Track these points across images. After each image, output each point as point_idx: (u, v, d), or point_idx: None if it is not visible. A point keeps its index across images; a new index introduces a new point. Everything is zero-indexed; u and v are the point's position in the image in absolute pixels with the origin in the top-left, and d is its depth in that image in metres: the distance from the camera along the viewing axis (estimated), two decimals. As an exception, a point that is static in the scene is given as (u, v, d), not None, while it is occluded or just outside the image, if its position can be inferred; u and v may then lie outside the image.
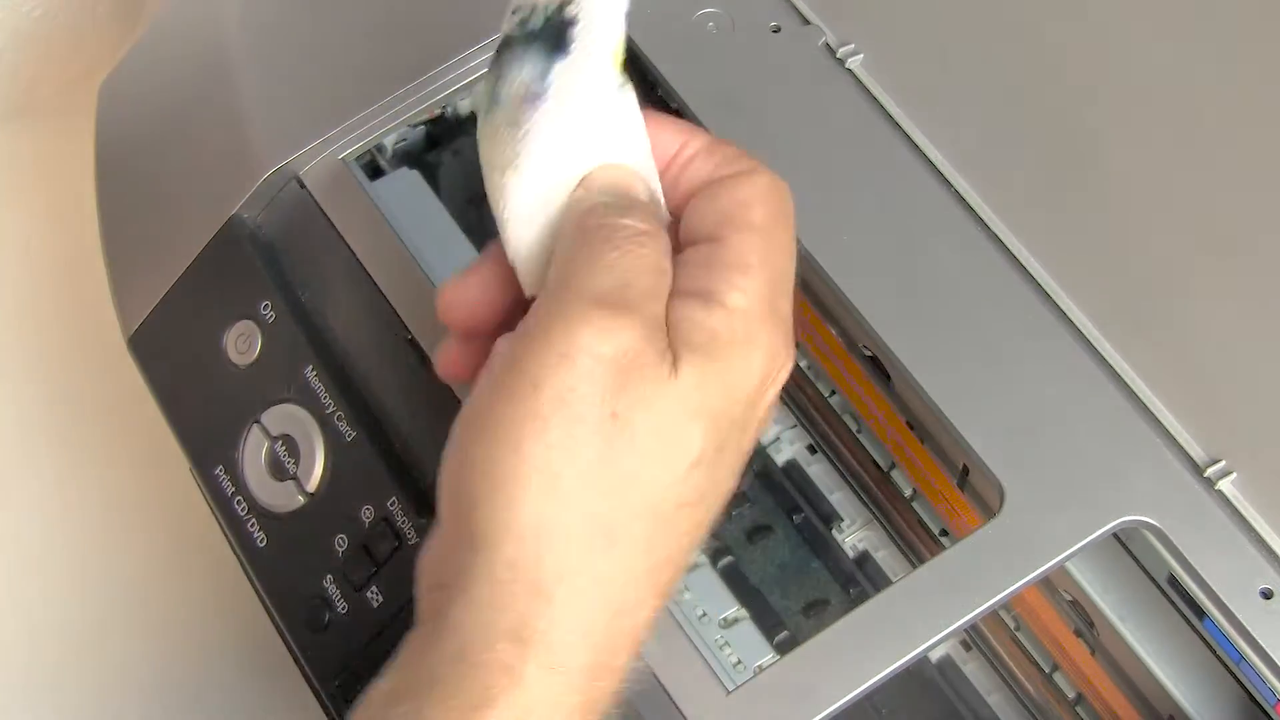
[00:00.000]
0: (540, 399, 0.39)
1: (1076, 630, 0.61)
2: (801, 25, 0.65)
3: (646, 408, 0.40)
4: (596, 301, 0.40)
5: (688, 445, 0.41)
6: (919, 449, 0.62)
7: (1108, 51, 0.64)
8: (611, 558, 0.40)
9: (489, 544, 0.40)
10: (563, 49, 0.45)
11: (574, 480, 0.39)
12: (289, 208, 0.65)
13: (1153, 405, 0.57)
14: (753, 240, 0.43)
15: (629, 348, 0.40)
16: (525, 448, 0.39)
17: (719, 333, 0.41)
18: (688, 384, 0.41)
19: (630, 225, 0.42)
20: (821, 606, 0.64)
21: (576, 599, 0.40)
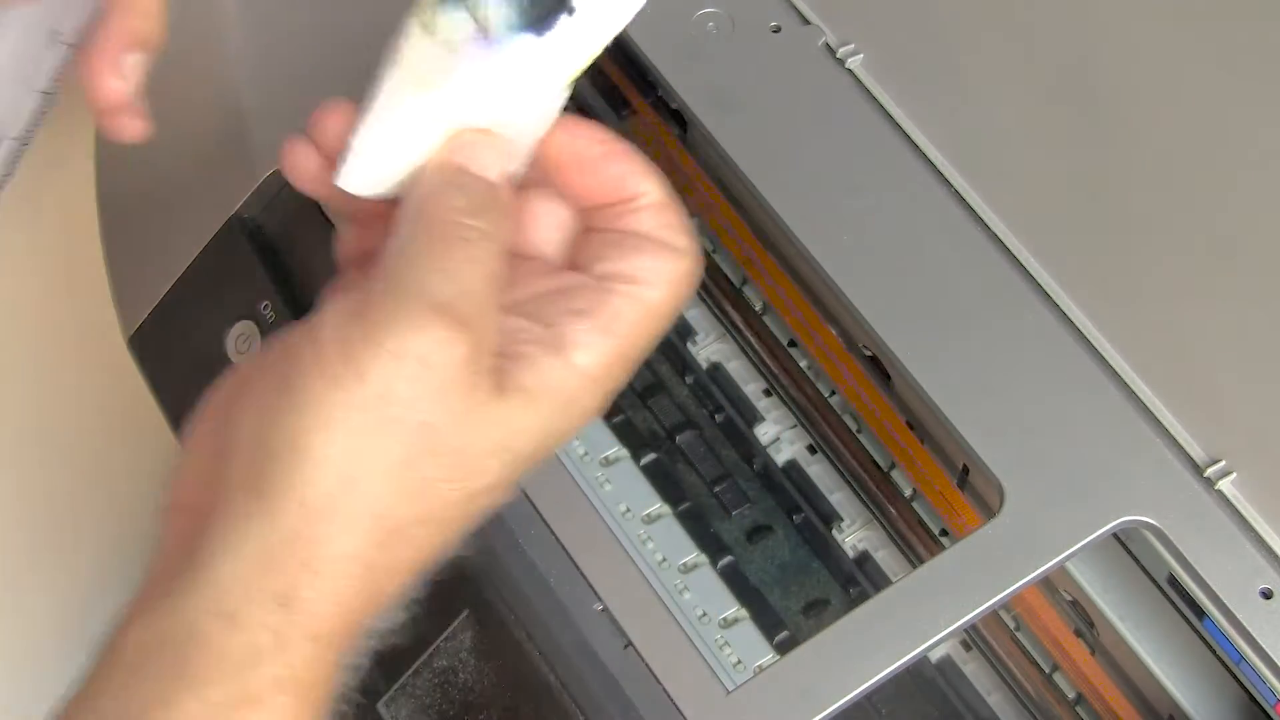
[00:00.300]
0: (364, 391, 0.40)
1: (1076, 630, 0.61)
2: (801, 25, 0.65)
3: (457, 425, 0.41)
4: (436, 309, 0.40)
5: (486, 471, 0.42)
6: (919, 449, 0.62)
7: (1108, 51, 0.64)
8: (388, 552, 0.41)
9: (274, 508, 0.41)
10: (541, 25, 0.43)
11: (374, 476, 0.40)
12: (289, 208, 0.65)
13: (1153, 405, 0.57)
14: (634, 314, 0.43)
15: (456, 361, 0.40)
16: (337, 433, 0.40)
17: (552, 385, 0.42)
18: (503, 416, 0.41)
19: (478, 229, 0.42)
20: (821, 606, 0.64)
21: (345, 581, 0.41)
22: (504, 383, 0.41)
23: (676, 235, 0.44)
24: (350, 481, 0.40)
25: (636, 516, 0.62)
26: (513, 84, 0.43)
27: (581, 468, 0.62)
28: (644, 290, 0.43)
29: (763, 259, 0.66)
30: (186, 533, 0.42)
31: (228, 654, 0.40)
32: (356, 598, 0.41)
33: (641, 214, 0.44)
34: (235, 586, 0.40)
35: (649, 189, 0.44)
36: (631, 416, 0.66)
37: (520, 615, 0.56)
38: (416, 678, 0.58)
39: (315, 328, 0.41)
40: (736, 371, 0.68)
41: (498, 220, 0.43)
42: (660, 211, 0.44)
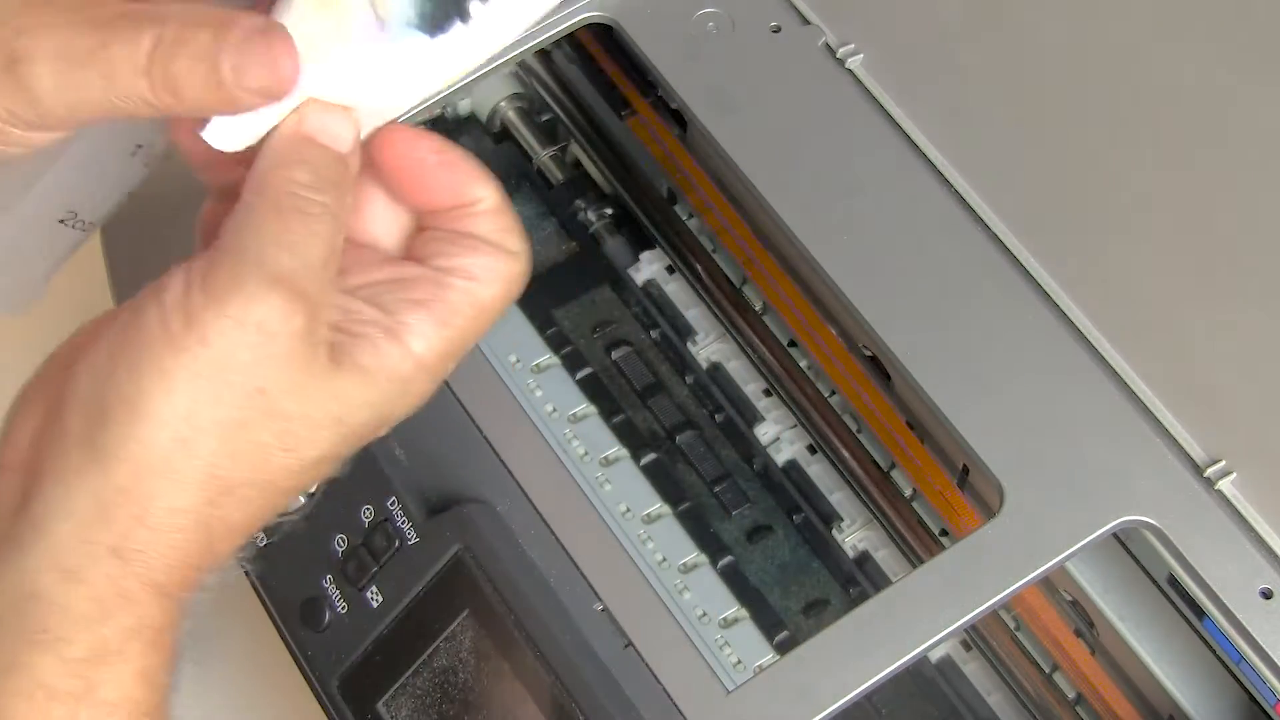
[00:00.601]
0: (203, 356, 0.41)
1: (1076, 630, 0.61)
2: (801, 25, 0.65)
3: (292, 393, 0.42)
4: (276, 279, 0.41)
5: (319, 442, 0.43)
6: (919, 449, 0.62)
7: (1109, 51, 0.64)
8: (219, 510, 0.42)
9: (107, 465, 0.41)
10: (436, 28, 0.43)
11: (209, 436, 0.42)
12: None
13: (1153, 405, 0.57)
14: (469, 308, 0.45)
15: (294, 331, 0.42)
16: (176, 394, 0.41)
17: (388, 368, 0.43)
18: (339, 390, 0.43)
19: (320, 203, 0.43)
20: (821, 606, 0.64)
21: (179, 534, 0.42)
22: (341, 359, 0.43)
23: (510, 238, 0.46)
24: (185, 441, 0.41)
25: (636, 516, 0.62)
26: (394, 75, 0.44)
27: (581, 468, 0.62)
28: (479, 287, 0.45)
29: (763, 259, 0.66)
30: (18, 492, 0.43)
31: (75, 609, 0.41)
32: (191, 551, 0.42)
33: (479, 218, 0.46)
34: (71, 542, 0.41)
35: (485, 195, 0.46)
36: (631, 416, 0.66)
37: (520, 615, 0.56)
38: (416, 678, 0.58)
39: (159, 291, 0.42)
40: (736, 371, 0.68)
41: (340, 197, 0.44)
42: (496, 216, 0.46)
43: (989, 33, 0.65)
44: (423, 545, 0.58)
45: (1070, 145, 0.62)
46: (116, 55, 0.42)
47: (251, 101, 0.43)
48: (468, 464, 0.59)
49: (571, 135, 0.72)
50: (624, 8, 0.65)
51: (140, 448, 0.41)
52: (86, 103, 0.43)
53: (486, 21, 0.44)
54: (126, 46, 0.42)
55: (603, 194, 0.72)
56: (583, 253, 0.71)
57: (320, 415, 0.43)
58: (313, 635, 0.60)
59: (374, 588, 0.59)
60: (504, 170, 0.73)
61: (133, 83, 0.42)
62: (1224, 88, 0.62)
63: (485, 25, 0.44)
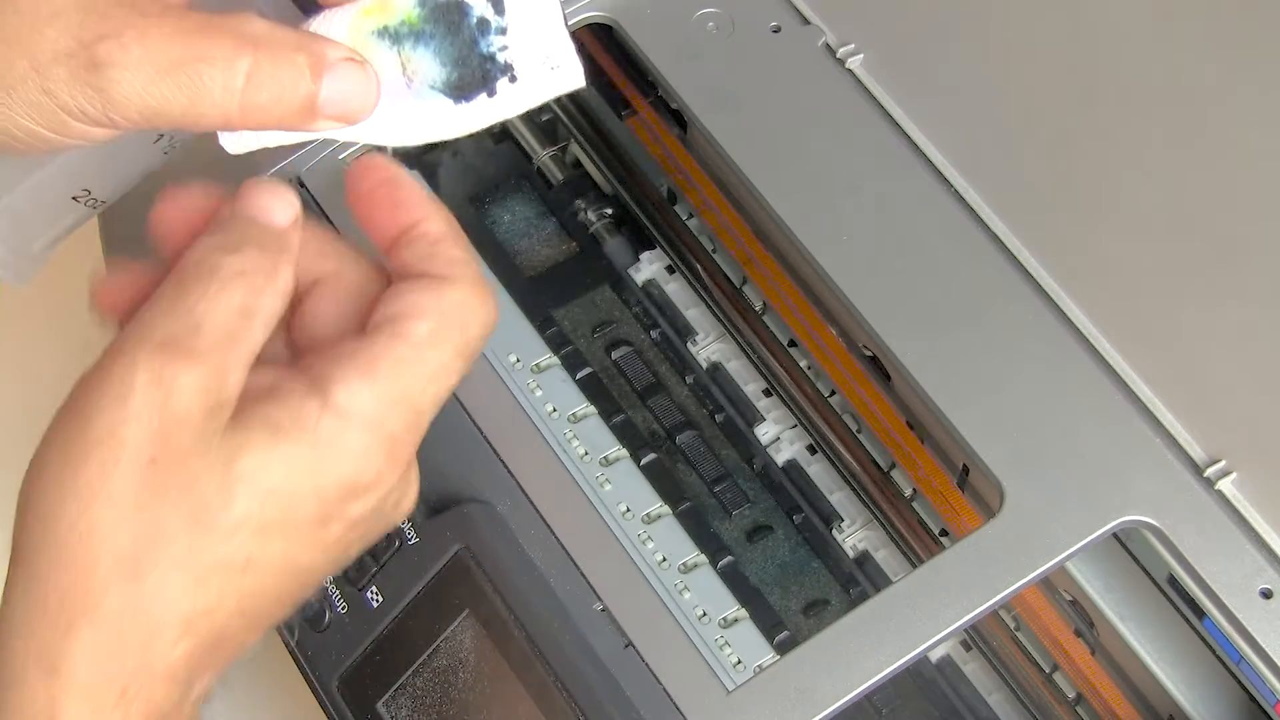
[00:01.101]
0: (89, 436, 0.40)
1: (1076, 630, 0.61)
2: (801, 25, 0.65)
3: (185, 460, 0.40)
4: (159, 346, 0.40)
5: (225, 507, 0.40)
6: (919, 449, 0.62)
7: (1109, 52, 0.64)
8: (137, 594, 0.40)
9: (25, 568, 0.40)
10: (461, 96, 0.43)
11: (106, 516, 0.40)
12: (289, 208, 0.65)
13: (1153, 405, 0.57)
14: (398, 352, 0.42)
15: (181, 395, 0.40)
16: (65, 479, 0.40)
17: (304, 421, 0.41)
18: (240, 449, 0.40)
19: (229, 264, 0.41)
20: (821, 606, 0.64)
21: (96, 630, 0.40)
22: (250, 419, 0.40)
23: (442, 263, 0.43)
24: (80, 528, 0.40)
25: (636, 516, 0.62)
26: (412, 125, 0.44)
27: (581, 468, 0.62)
28: (410, 325, 0.42)
29: (763, 259, 0.66)
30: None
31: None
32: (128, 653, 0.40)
33: (415, 244, 0.43)
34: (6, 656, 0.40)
35: (423, 217, 0.43)
36: (631, 416, 0.66)
37: (520, 615, 0.56)
38: (416, 678, 0.58)
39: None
40: (736, 371, 0.68)
41: (260, 258, 0.42)
42: (431, 241, 0.43)
43: (989, 33, 0.65)
44: (423, 545, 0.58)
45: (1069, 144, 0.62)
46: (209, 76, 0.41)
47: (328, 126, 0.43)
48: (468, 464, 0.59)
49: (571, 135, 0.72)
50: (624, 8, 0.65)
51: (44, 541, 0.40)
52: (164, 114, 0.42)
53: (510, 96, 0.44)
54: (221, 69, 0.41)
55: (603, 194, 0.72)
56: (583, 253, 0.71)
57: (210, 478, 0.40)
58: (313, 635, 0.60)
59: (374, 588, 0.59)
60: (504, 170, 0.74)
61: (223, 104, 0.42)
62: (1224, 87, 0.62)
63: (508, 99, 0.44)
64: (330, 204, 0.63)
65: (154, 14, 0.42)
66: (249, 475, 0.40)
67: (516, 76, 0.44)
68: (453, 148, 0.73)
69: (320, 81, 0.42)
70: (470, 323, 0.43)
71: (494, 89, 0.44)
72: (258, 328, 0.41)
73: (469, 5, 0.43)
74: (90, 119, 0.42)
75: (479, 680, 0.57)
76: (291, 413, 0.41)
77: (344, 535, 0.43)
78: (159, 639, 0.40)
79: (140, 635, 0.40)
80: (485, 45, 0.43)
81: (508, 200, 0.73)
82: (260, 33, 0.42)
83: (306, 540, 0.42)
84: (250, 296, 0.41)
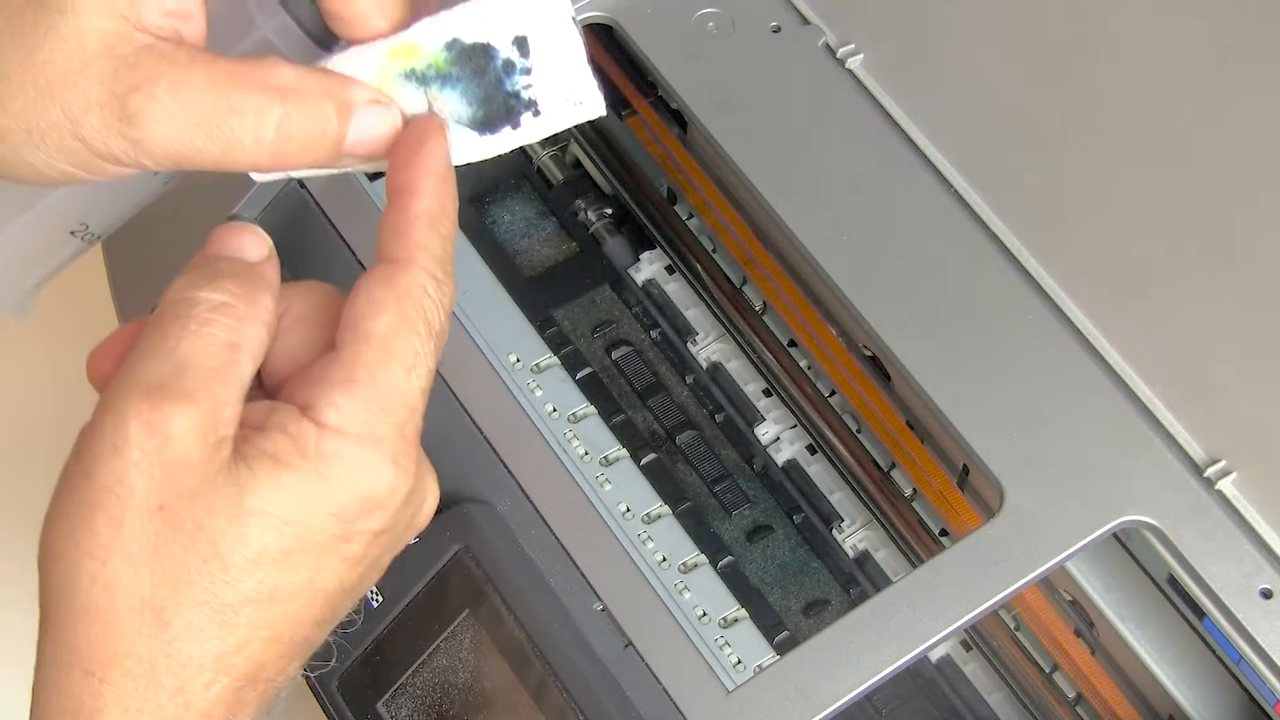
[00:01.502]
0: (92, 489, 0.40)
1: (1076, 630, 0.61)
2: (801, 25, 0.65)
3: (193, 501, 0.40)
4: (146, 391, 0.40)
5: (240, 544, 0.40)
6: (919, 449, 0.62)
7: (1109, 52, 0.64)
8: (164, 641, 0.40)
9: (53, 627, 0.41)
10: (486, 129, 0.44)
11: (123, 568, 0.40)
12: (289, 208, 0.65)
13: (1153, 405, 0.57)
14: (367, 357, 0.41)
15: (178, 438, 0.40)
16: (78, 536, 0.40)
17: (303, 448, 0.41)
18: (246, 484, 0.40)
19: (206, 299, 0.41)
20: (821, 606, 0.64)
21: (129, 681, 0.40)
22: (248, 452, 0.40)
23: (406, 245, 0.43)
24: (99, 580, 0.40)
25: (636, 516, 0.62)
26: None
27: (581, 468, 0.62)
28: (371, 325, 0.42)
29: (763, 259, 0.66)
30: None
31: None
32: (154, 701, 0.41)
33: (393, 217, 0.43)
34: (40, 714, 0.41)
35: (415, 192, 0.43)
36: (631, 416, 0.66)
37: (520, 615, 0.56)
38: (416, 678, 0.58)
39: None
40: (736, 371, 0.68)
41: (236, 289, 0.42)
42: (407, 220, 0.43)
43: (989, 33, 0.65)
44: (423, 545, 0.58)
45: (1070, 145, 0.62)
46: (240, 128, 0.42)
47: (353, 164, 0.43)
48: (468, 464, 0.59)
49: (571, 135, 0.72)
50: (624, 8, 0.65)
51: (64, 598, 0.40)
52: (196, 161, 0.42)
53: (533, 127, 0.44)
54: (253, 121, 0.42)
55: (603, 194, 0.72)
56: (583, 253, 0.71)
57: (223, 514, 0.40)
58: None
59: (374, 588, 0.59)
60: (504, 170, 0.74)
61: (253, 152, 0.42)
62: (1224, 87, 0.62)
63: (531, 129, 0.45)
64: (331, 206, 0.63)
65: (183, 62, 0.42)
66: (259, 510, 0.40)
67: (540, 111, 0.44)
68: (453, 148, 0.73)
69: (347, 125, 0.43)
70: (428, 305, 0.42)
71: (518, 122, 0.44)
72: (245, 359, 0.41)
73: (495, 49, 0.44)
74: (123, 163, 0.43)
75: (479, 680, 0.57)
76: (289, 441, 0.41)
77: (368, 550, 0.43)
78: (193, 683, 0.41)
79: (173, 682, 0.41)
80: (510, 84, 0.44)
81: (508, 200, 0.73)
82: (289, 82, 0.42)
83: (330, 562, 0.42)
84: (232, 329, 0.41)
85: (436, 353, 0.43)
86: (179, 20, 0.42)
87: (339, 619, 0.44)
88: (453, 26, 0.43)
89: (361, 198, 0.63)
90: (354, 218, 0.63)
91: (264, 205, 0.65)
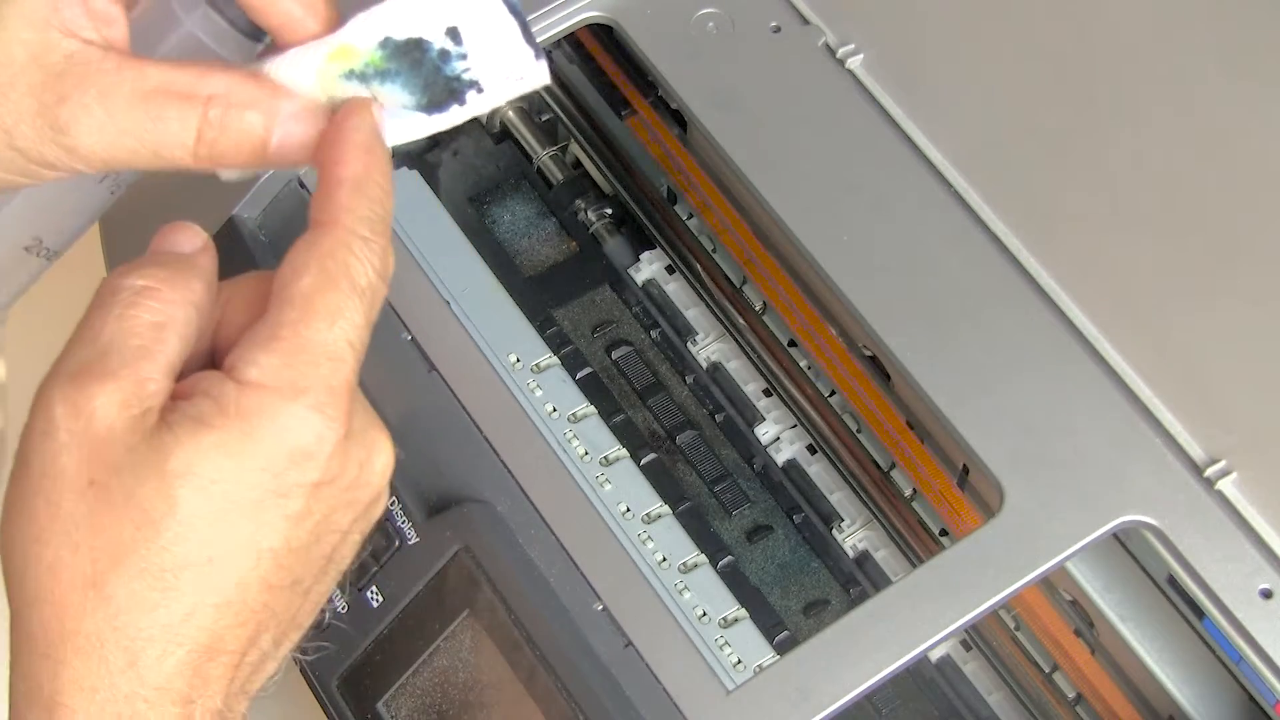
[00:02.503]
0: (30, 476, 0.41)
1: (1076, 630, 0.61)
2: (801, 25, 0.65)
3: (120, 473, 0.41)
4: (70, 376, 0.41)
5: (170, 509, 0.41)
6: (919, 449, 0.62)
7: (1108, 52, 0.64)
8: (109, 615, 0.41)
9: (14, 618, 0.42)
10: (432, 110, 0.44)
11: (63, 549, 0.41)
12: (289, 208, 0.65)
13: (1153, 405, 0.57)
14: (288, 312, 0.42)
15: (100, 415, 0.41)
16: (23, 523, 0.41)
17: (224, 405, 0.41)
18: (169, 448, 0.41)
19: (130, 285, 0.42)
20: (821, 606, 0.64)
21: (79, 660, 0.41)
22: (172, 418, 0.41)
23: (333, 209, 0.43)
24: (43, 560, 0.41)
25: (636, 516, 0.62)
26: (388, 134, 0.45)
27: (581, 468, 0.62)
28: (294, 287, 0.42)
29: (763, 259, 0.66)
30: None
31: None
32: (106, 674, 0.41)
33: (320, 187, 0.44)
34: (15, 701, 0.42)
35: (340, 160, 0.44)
36: (631, 416, 0.66)
37: (520, 615, 0.56)
38: (416, 678, 0.58)
39: None
40: (736, 371, 0.68)
41: (162, 273, 0.43)
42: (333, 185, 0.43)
43: (988, 33, 0.65)
44: (423, 545, 0.58)
45: (1070, 145, 0.62)
46: (169, 134, 0.43)
47: (281, 165, 0.44)
48: (468, 464, 0.59)
49: (571, 135, 0.72)
50: (624, 8, 0.65)
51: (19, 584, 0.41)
52: (130, 164, 0.44)
53: (480, 102, 0.45)
54: (178, 126, 0.43)
55: (603, 194, 0.72)
56: (583, 253, 0.71)
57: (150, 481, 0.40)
58: (313, 635, 0.60)
59: (374, 588, 0.59)
60: (504, 170, 0.74)
61: (183, 157, 0.43)
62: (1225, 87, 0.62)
63: (478, 103, 0.45)
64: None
65: (111, 70, 0.43)
66: (185, 471, 0.41)
67: (484, 89, 0.45)
68: (453, 148, 0.73)
69: (272, 132, 0.44)
70: (352, 263, 0.43)
71: (464, 99, 0.45)
72: (171, 338, 0.42)
73: (428, 42, 0.44)
74: (59, 169, 0.44)
75: (479, 680, 0.57)
76: (211, 402, 0.41)
77: (311, 505, 0.42)
78: (144, 655, 0.41)
79: (124, 658, 0.41)
80: (449, 70, 0.45)
81: (508, 200, 0.73)
82: (218, 89, 0.43)
83: (270, 519, 0.42)
84: (157, 310, 0.42)
85: (367, 308, 0.43)
86: (103, 25, 0.43)
87: (308, 587, 0.44)
88: (384, 25, 0.44)
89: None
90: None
91: (264, 205, 0.65)
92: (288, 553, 0.42)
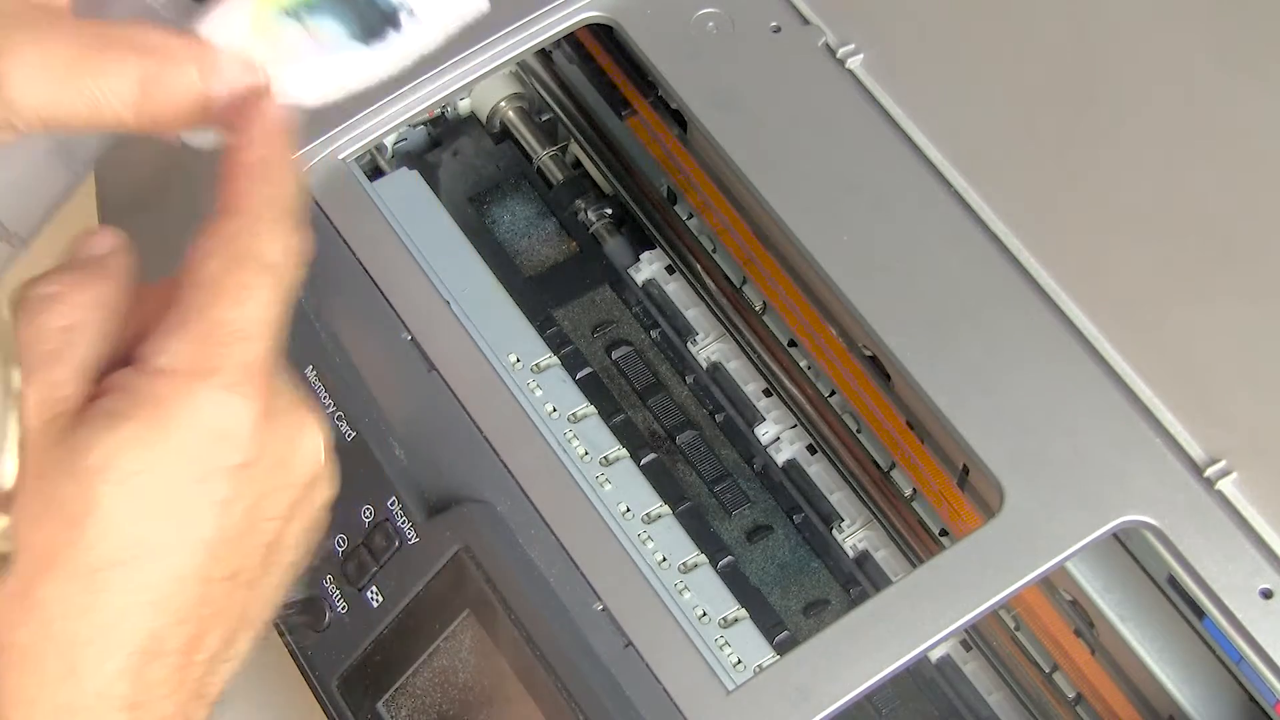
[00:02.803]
0: None
1: (1076, 630, 0.61)
2: (801, 25, 0.65)
3: (39, 478, 0.40)
4: None
5: (91, 504, 0.40)
6: (919, 449, 0.62)
7: (1108, 51, 0.64)
8: (42, 623, 0.40)
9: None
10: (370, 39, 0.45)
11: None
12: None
13: (1153, 405, 0.57)
14: (196, 297, 0.41)
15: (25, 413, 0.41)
16: None
17: (137, 396, 0.41)
18: (85, 445, 0.40)
19: (37, 294, 0.42)
20: (821, 606, 0.64)
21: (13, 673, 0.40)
22: (86, 417, 0.41)
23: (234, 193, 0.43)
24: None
25: (636, 516, 0.62)
26: (332, 77, 0.45)
27: (582, 468, 0.62)
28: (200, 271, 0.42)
29: (763, 259, 0.66)
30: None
31: None
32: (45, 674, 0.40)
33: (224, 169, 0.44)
34: None
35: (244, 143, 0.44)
36: (631, 416, 0.66)
37: (520, 615, 0.56)
38: (416, 678, 0.58)
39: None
40: (736, 371, 0.68)
41: (67, 278, 0.43)
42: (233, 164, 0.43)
43: (989, 33, 0.65)
44: (423, 545, 0.58)
45: (1070, 144, 0.62)
46: (107, 87, 0.42)
47: (222, 123, 0.44)
48: (468, 464, 0.59)
49: (571, 135, 0.72)
50: (624, 8, 0.65)
51: None
52: (67, 122, 0.43)
53: (419, 31, 0.45)
54: (115, 80, 0.42)
55: (603, 194, 0.72)
56: (583, 253, 0.71)
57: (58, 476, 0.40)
58: (313, 635, 0.60)
59: (374, 588, 0.59)
60: (504, 170, 0.74)
61: (121, 113, 0.43)
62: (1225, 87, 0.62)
63: (419, 34, 0.45)
64: (330, 202, 0.63)
65: (46, 25, 0.43)
66: (103, 467, 0.40)
67: (414, 12, 0.45)
68: (453, 148, 0.73)
69: (210, 84, 0.43)
70: (256, 243, 0.42)
71: (399, 24, 0.46)
72: (80, 341, 0.42)
73: None
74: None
75: (479, 680, 0.57)
76: (125, 395, 0.41)
77: (238, 490, 0.41)
78: (81, 661, 0.40)
79: (61, 665, 0.40)
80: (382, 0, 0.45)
81: (508, 200, 0.73)
82: (154, 43, 0.43)
83: (196, 508, 0.41)
84: (63, 314, 0.42)
85: (274, 285, 0.42)
86: None
87: (252, 579, 0.43)
88: None
89: (362, 198, 0.63)
90: (354, 217, 0.63)
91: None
92: (221, 543, 0.41)
